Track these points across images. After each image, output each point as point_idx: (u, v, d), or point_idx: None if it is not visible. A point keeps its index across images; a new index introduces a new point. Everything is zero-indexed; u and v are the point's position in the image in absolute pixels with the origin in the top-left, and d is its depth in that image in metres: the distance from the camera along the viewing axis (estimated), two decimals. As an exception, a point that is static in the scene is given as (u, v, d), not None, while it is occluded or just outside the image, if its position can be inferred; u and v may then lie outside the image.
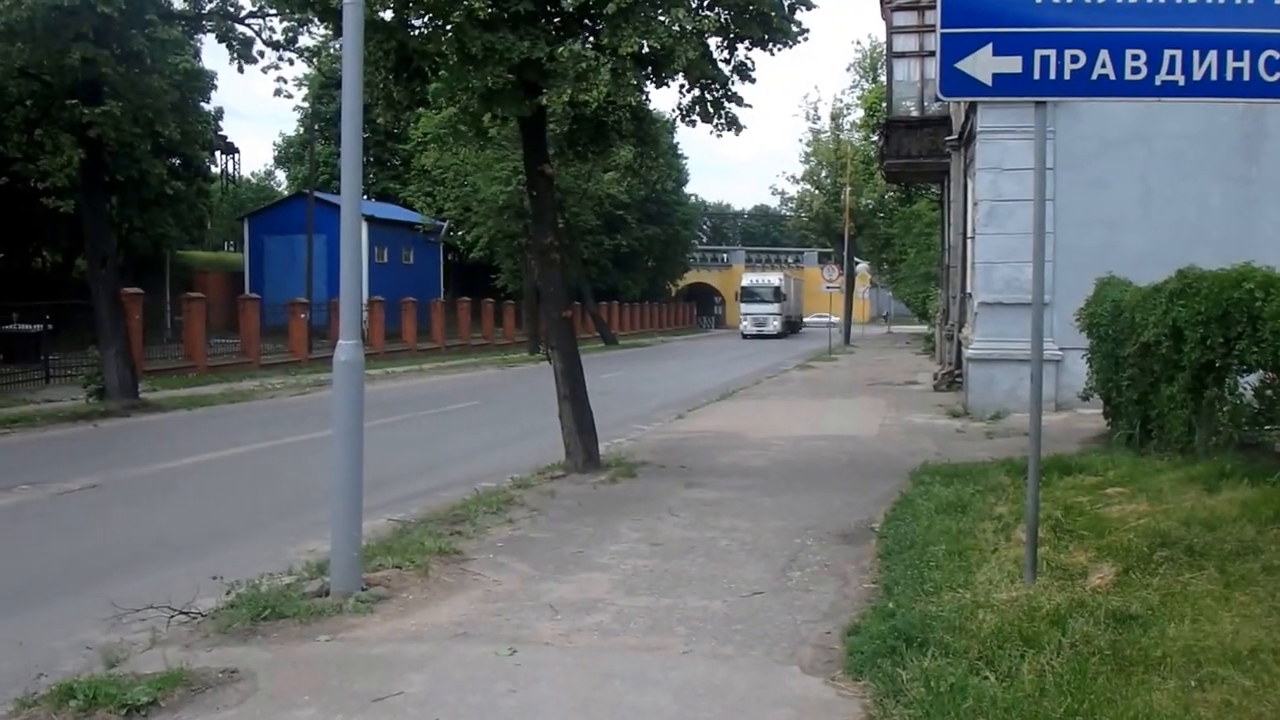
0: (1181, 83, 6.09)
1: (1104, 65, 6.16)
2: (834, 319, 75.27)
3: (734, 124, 12.31)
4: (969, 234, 20.75)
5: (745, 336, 63.98)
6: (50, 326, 26.13)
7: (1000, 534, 7.80)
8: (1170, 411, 10.10)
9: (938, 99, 21.46)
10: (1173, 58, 6.06)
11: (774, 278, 70.21)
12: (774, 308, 66.58)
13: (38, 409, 19.21)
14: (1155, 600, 5.83)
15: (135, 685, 5.16)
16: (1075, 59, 6.21)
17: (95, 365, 20.69)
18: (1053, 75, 6.24)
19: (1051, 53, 6.23)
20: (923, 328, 50.92)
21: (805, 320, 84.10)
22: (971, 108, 18.89)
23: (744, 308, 68.05)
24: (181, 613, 6.53)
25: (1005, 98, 6.73)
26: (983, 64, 6.31)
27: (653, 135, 13.29)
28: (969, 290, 20.87)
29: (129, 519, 10.61)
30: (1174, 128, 16.44)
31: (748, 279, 70.80)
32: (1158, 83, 6.12)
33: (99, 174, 21.12)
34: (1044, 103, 6.56)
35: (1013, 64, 6.28)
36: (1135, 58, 6.10)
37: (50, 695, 5.15)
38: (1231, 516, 7.21)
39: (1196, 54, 6.05)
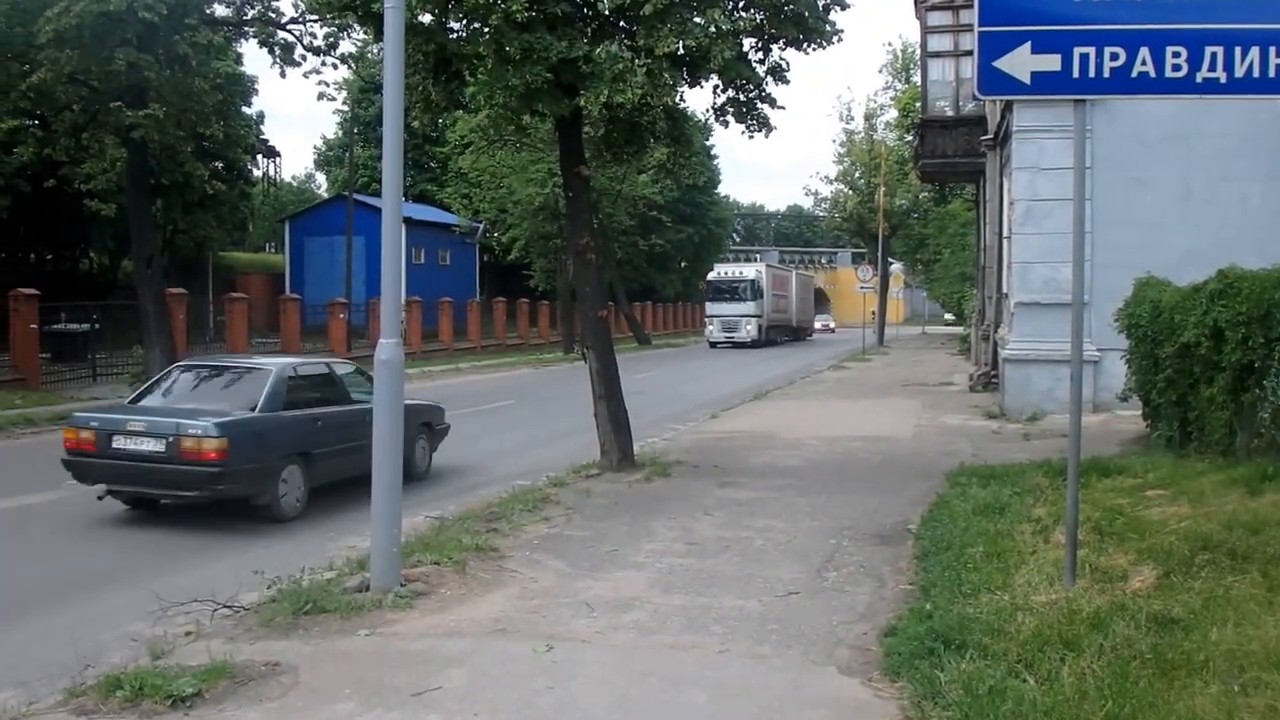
0: (1223, 80, 6.03)
1: (1144, 63, 6.11)
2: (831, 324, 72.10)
3: (765, 125, 12.36)
4: (1005, 234, 20.59)
5: (713, 345, 52.43)
6: (97, 326, 26.53)
7: (1039, 536, 7.75)
8: (1210, 413, 9.98)
9: (974, 98, 21.31)
10: (1214, 54, 6.01)
11: (750, 270, 55.73)
12: (748, 308, 52.72)
13: (85, 406, 19.49)
14: (1197, 604, 5.76)
15: (180, 677, 5.26)
16: (1115, 56, 6.16)
17: (140, 364, 21.02)
18: (1092, 73, 6.20)
19: (1091, 50, 6.18)
20: (958, 328, 50.63)
21: (828, 326, 78.92)
22: (1008, 107, 18.75)
23: (710, 308, 54.66)
24: (225, 606, 6.65)
25: (1044, 96, 6.70)
26: (1021, 62, 6.28)
27: (686, 135, 13.33)
28: (1005, 290, 20.71)
29: (174, 514, 10.74)
30: (1214, 126, 16.24)
31: (716, 272, 56.73)
32: (1199, 80, 6.07)
33: (144, 177, 21.48)
34: (1083, 101, 6.51)
35: (1051, 62, 6.24)
36: (1176, 55, 6.05)
37: (98, 686, 5.26)
38: (1275, 520, 7.10)
39: (1238, 50, 5.98)
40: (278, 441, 10.33)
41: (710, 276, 56.12)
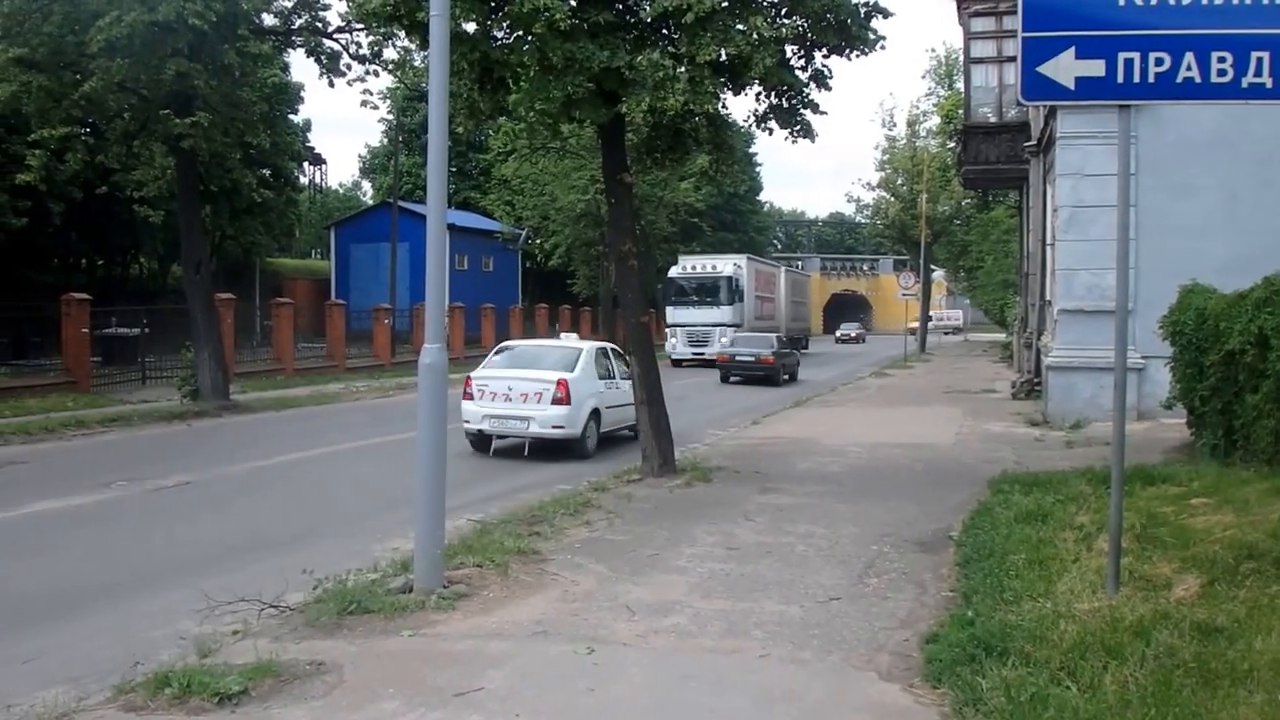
0: (1269, 85, 5.97)
1: (1189, 67, 6.07)
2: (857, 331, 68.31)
3: (808, 132, 12.30)
4: (1049, 241, 20.44)
5: (676, 363, 38.49)
6: (147, 330, 26.96)
7: (1082, 544, 7.70)
8: (1256, 421, 9.86)
9: (1018, 103, 21.15)
10: (1260, 59, 5.95)
11: (725, 265, 41.83)
12: (723, 314, 39.76)
13: (135, 409, 19.82)
14: (1242, 613, 5.72)
15: (227, 675, 5.36)
16: (1160, 61, 6.12)
17: (189, 367, 21.35)
18: (1136, 78, 6.16)
19: (1135, 55, 6.15)
20: (1000, 335, 50.12)
21: (849, 335, 70.72)
22: (1051, 113, 18.61)
23: (671, 314, 40.28)
24: (271, 606, 6.75)
25: (1088, 101, 6.65)
26: (1065, 67, 6.26)
27: (729, 142, 13.34)
28: (1049, 297, 20.55)
29: (221, 515, 10.93)
30: (1260, 131, 16.00)
31: (680, 266, 42.54)
32: (1244, 85, 6.01)
33: (193, 184, 21.81)
34: (1128, 106, 6.47)
35: (1096, 67, 6.21)
36: (1221, 60, 6.00)
37: (146, 683, 5.36)
38: (1322, 529, 7.03)
39: (1285, 56, 5.93)
40: (783, 357, 31.84)
41: (672, 272, 42.09)
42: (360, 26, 19.85)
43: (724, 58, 10.93)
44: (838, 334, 72.97)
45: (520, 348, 17.38)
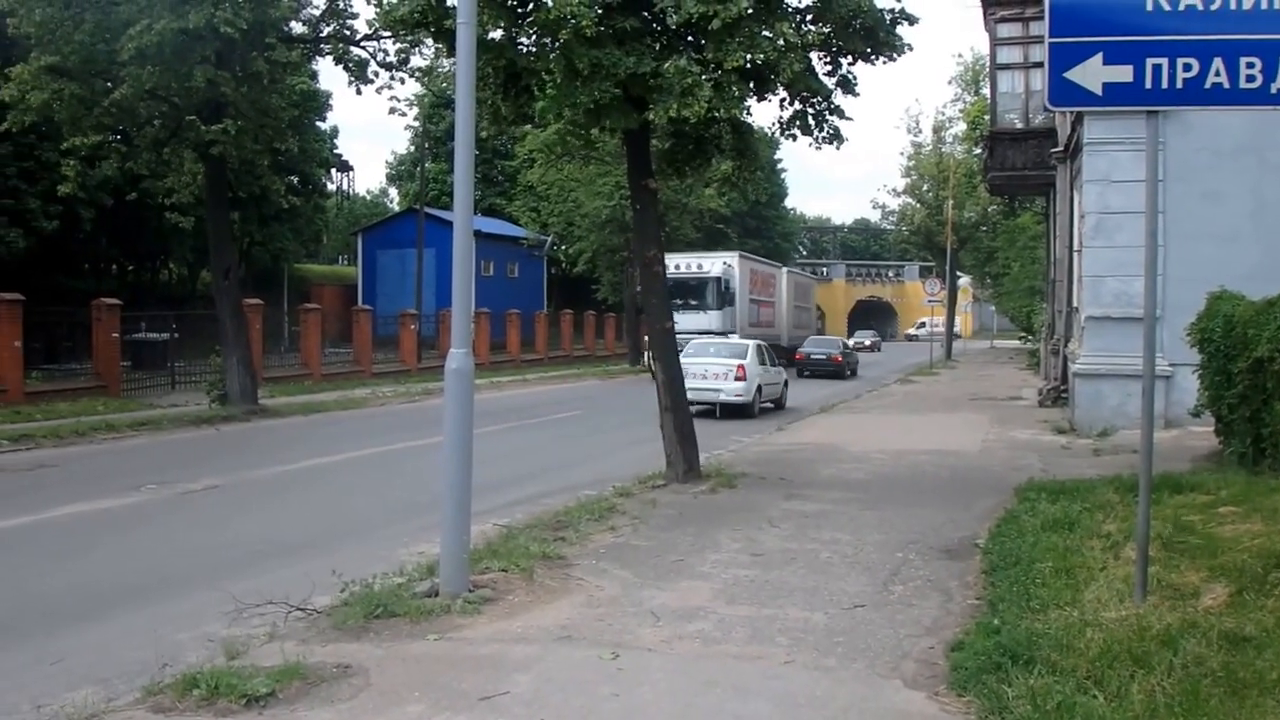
0: (1297, 91, 5.93)
1: (1218, 74, 6.04)
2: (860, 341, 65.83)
3: (836, 137, 12.26)
4: (1076, 247, 20.30)
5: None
6: (176, 335, 27.25)
7: (1109, 552, 7.65)
8: (1285, 429, 9.78)
9: (1045, 109, 21.05)
10: (1288, 65, 5.92)
11: (714, 264, 37.63)
12: (710, 319, 35.86)
13: (164, 413, 20.04)
14: (1270, 622, 5.67)
15: (255, 677, 5.39)
16: (1188, 67, 6.09)
17: (218, 372, 21.56)
18: (1165, 84, 6.13)
19: (1163, 61, 6.12)
20: (1018, 342, 49.74)
21: (863, 343, 63.67)
22: (1078, 119, 18.50)
23: None
24: (298, 609, 6.79)
25: (1116, 107, 6.62)
26: (1092, 73, 6.24)
27: (752, 149, 13.32)
28: (1076, 304, 20.41)
29: (249, 518, 11.02)
30: (1288, 138, 15.88)
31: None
32: (1274, 91, 5.97)
33: (222, 190, 22.03)
34: (1156, 112, 6.44)
35: (1123, 73, 6.19)
36: (1250, 66, 5.97)
37: (175, 684, 5.41)
38: (1351, 538, 6.96)
39: (1315, 62, 5.88)
40: (848, 357, 39.54)
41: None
42: (388, 34, 19.99)
43: (750, 64, 10.92)
44: (852, 342, 71.89)
45: (707, 342, 24.70)
